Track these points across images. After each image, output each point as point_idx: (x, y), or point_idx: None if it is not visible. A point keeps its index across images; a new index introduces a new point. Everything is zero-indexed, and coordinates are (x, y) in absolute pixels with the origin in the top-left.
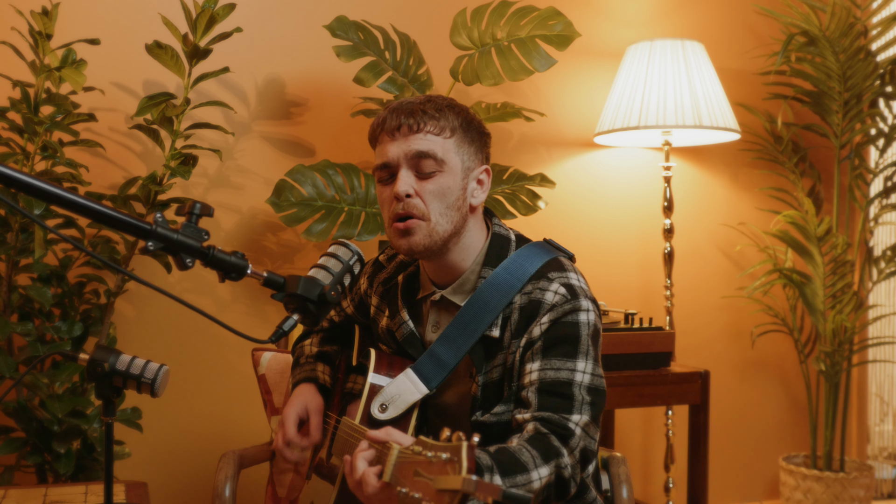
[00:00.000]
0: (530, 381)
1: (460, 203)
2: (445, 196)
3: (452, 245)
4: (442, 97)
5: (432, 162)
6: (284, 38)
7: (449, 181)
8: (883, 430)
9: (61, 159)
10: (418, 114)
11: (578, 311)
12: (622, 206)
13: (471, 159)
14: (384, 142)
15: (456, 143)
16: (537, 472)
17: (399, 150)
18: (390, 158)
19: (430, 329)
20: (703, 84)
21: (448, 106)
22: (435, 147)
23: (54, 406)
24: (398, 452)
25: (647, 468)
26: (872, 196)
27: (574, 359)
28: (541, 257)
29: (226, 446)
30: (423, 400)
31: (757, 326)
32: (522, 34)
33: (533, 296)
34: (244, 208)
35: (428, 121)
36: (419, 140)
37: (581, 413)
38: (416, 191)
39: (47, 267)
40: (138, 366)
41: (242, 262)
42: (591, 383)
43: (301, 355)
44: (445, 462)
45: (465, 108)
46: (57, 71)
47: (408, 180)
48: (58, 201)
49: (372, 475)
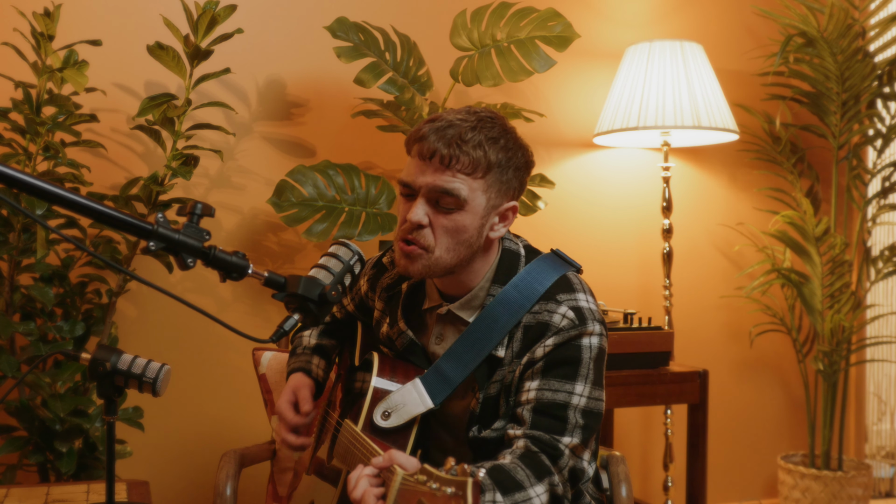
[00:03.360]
0: (527, 399)
1: (473, 240)
2: (458, 234)
3: (458, 270)
4: (493, 120)
5: (454, 200)
6: (285, 39)
7: (466, 220)
8: (881, 430)
9: (63, 160)
10: (455, 146)
11: (584, 335)
12: (621, 206)
13: (499, 197)
14: (414, 158)
15: (486, 182)
16: (533, 489)
17: (424, 180)
18: (414, 182)
19: (433, 340)
20: (702, 85)
21: (492, 139)
22: (461, 188)
23: (56, 405)
24: (402, 479)
25: (646, 467)
26: (870, 196)
27: (573, 381)
28: (550, 275)
29: (227, 445)
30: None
31: (755, 326)
32: (522, 35)
33: (541, 317)
34: (245, 208)
35: (462, 157)
36: (446, 178)
37: (572, 436)
38: (431, 221)
39: (49, 267)
40: (140, 365)
41: (243, 262)
42: (587, 406)
43: (299, 346)
44: (450, 497)
45: (513, 138)
46: (59, 72)
47: (423, 209)
48: (60, 202)
49: (372, 497)
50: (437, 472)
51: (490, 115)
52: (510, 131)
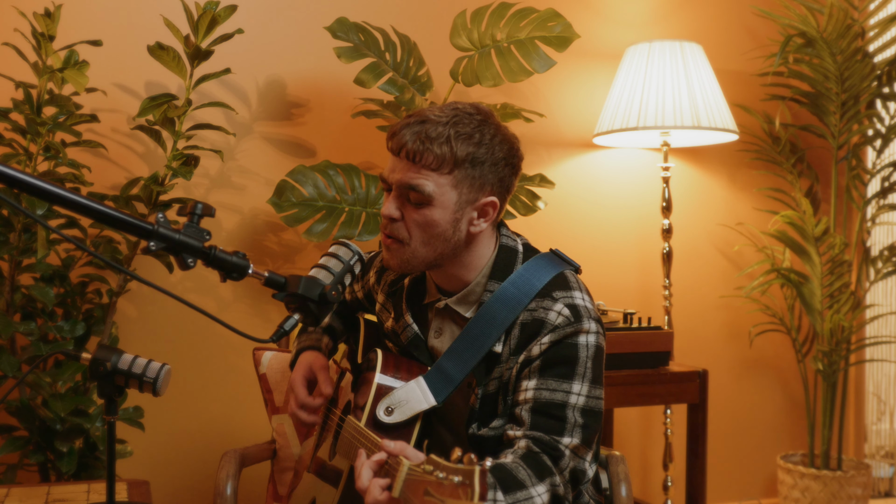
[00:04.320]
0: (525, 399)
1: (449, 234)
2: (429, 228)
3: (447, 262)
4: (471, 116)
5: (420, 196)
6: (285, 40)
7: (436, 215)
8: (880, 429)
9: (64, 160)
10: (420, 142)
11: (580, 333)
12: (621, 206)
13: (472, 192)
14: (390, 152)
15: (455, 178)
16: (535, 489)
17: (395, 177)
18: (388, 178)
19: (432, 335)
20: (702, 85)
21: (464, 135)
22: (427, 184)
23: (57, 405)
24: (408, 469)
25: (645, 467)
26: (870, 196)
27: (570, 380)
28: (548, 272)
29: (227, 445)
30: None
31: (755, 326)
32: (522, 35)
33: (537, 314)
34: (245, 208)
35: (426, 154)
36: (413, 175)
37: (572, 436)
38: (403, 215)
39: (50, 267)
40: (140, 365)
41: (244, 262)
42: (586, 405)
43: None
44: (457, 486)
45: (491, 133)
46: (59, 72)
47: (395, 204)
48: (60, 202)
49: (377, 487)
50: (443, 461)
51: (472, 110)
52: (491, 126)
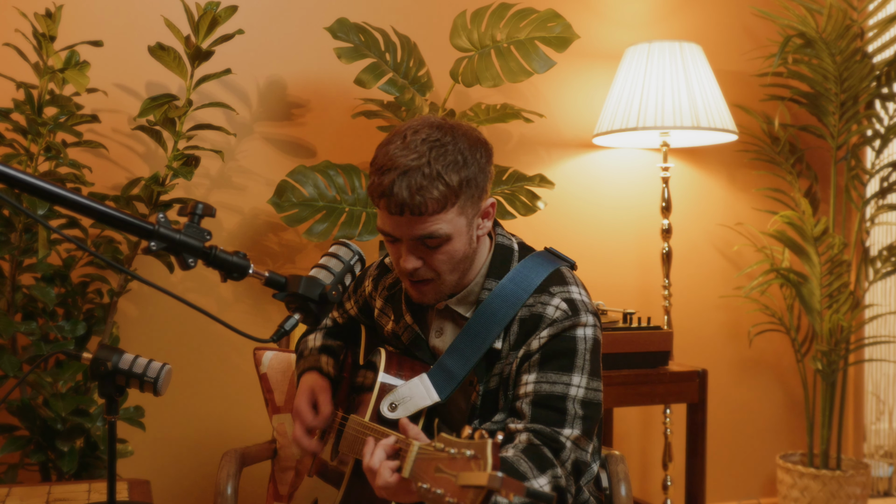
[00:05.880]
0: (525, 393)
1: (469, 251)
2: (453, 258)
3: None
4: (441, 140)
5: (438, 240)
6: (286, 40)
7: (457, 245)
8: (879, 429)
9: (65, 160)
10: (417, 193)
11: (578, 326)
12: (620, 206)
13: (475, 206)
14: (384, 212)
15: (459, 206)
16: (537, 481)
17: (402, 232)
18: (394, 233)
19: (433, 335)
20: (701, 85)
21: (450, 164)
22: (441, 227)
23: (58, 405)
24: (419, 448)
25: (645, 466)
26: (869, 196)
27: (570, 373)
28: (544, 268)
29: (228, 445)
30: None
31: (754, 326)
32: (522, 36)
33: (535, 309)
34: (246, 209)
35: (429, 202)
36: (423, 226)
37: (573, 427)
38: (425, 260)
39: (51, 267)
40: (141, 365)
41: (244, 262)
42: (586, 397)
43: (305, 349)
44: (469, 459)
45: (467, 146)
46: (60, 72)
47: (413, 256)
48: (61, 202)
49: (387, 469)
50: (454, 438)
51: (437, 133)
52: (460, 137)
